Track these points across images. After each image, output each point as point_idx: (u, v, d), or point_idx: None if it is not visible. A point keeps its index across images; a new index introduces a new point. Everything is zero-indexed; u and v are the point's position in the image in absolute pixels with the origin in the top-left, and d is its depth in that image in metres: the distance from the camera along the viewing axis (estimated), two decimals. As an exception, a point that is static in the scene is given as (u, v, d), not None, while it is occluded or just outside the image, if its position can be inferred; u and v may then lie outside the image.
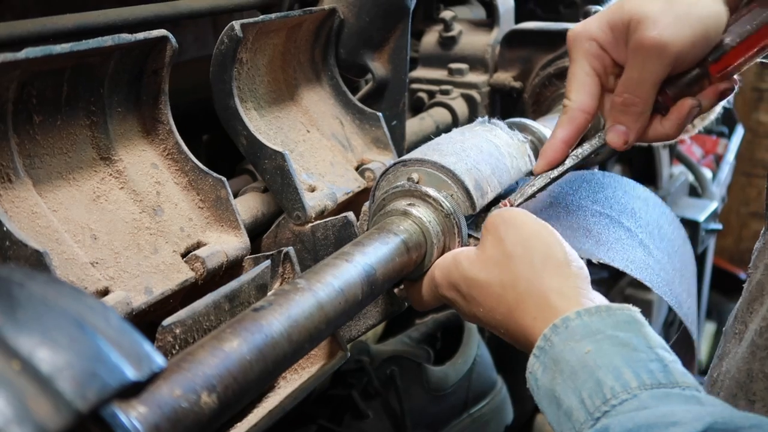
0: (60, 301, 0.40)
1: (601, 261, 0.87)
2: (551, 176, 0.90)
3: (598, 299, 0.71)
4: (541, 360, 0.67)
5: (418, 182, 0.86)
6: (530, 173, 0.95)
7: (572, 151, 0.90)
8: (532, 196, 0.90)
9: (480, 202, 0.85)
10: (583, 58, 0.87)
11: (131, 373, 0.40)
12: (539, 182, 0.90)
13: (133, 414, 0.48)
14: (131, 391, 0.43)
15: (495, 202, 0.90)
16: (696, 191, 2.23)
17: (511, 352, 1.60)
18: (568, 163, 0.90)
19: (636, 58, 0.83)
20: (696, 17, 0.80)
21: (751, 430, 0.53)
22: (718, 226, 2.09)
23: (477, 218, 0.89)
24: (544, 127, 1.17)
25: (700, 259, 2.34)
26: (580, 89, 0.87)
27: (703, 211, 2.00)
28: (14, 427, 0.35)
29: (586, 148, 0.91)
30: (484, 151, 0.90)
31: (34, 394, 0.36)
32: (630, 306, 0.67)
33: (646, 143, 0.93)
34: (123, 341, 0.41)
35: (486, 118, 1.01)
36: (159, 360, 0.43)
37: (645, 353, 0.62)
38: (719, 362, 0.83)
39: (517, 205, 0.89)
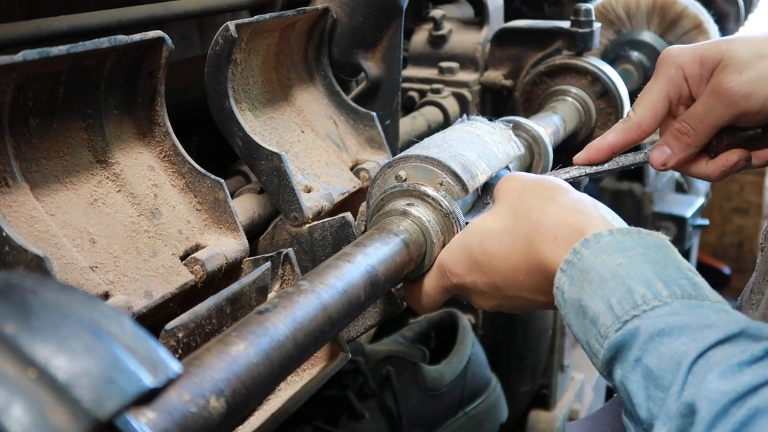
0: (74, 307, 0.40)
1: None
2: (586, 171, 0.94)
3: (617, 222, 0.72)
4: (568, 273, 0.67)
5: (405, 179, 0.85)
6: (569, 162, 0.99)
7: (615, 157, 0.95)
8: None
9: (471, 184, 0.85)
10: (663, 82, 0.90)
11: (148, 380, 0.40)
12: (574, 172, 0.95)
13: (142, 420, 0.47)
14: (145, 397, 0.42)
15: (489, 189, 0.91)
16: (682, 187, 2.25)
17: (504, 350, 1.61)
18: (606, 166, 0.94)
19: (707, 96, 0.86)
20: None
21: None
22: (705, 221, 2.11)
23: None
24: (537, 125, 1.17)
25: (685, 255, 2.36)
26: (648, 107, 0.91)
27: (690, 207, 2.02)
28: (32, 436, 0.34)
29: (628, 158, 0.95)
30: (467, 141, 0.91)
31: (52, 402, 0.36)
32: (660, 233, 0.69)
33: (683, 173, 0.97)
34: (138, 347, 0.40)
35: (465, 116, 1.01)
36: (174, 366, 0.42)
37: (675, 272, 0.64)
38: None
39: None
